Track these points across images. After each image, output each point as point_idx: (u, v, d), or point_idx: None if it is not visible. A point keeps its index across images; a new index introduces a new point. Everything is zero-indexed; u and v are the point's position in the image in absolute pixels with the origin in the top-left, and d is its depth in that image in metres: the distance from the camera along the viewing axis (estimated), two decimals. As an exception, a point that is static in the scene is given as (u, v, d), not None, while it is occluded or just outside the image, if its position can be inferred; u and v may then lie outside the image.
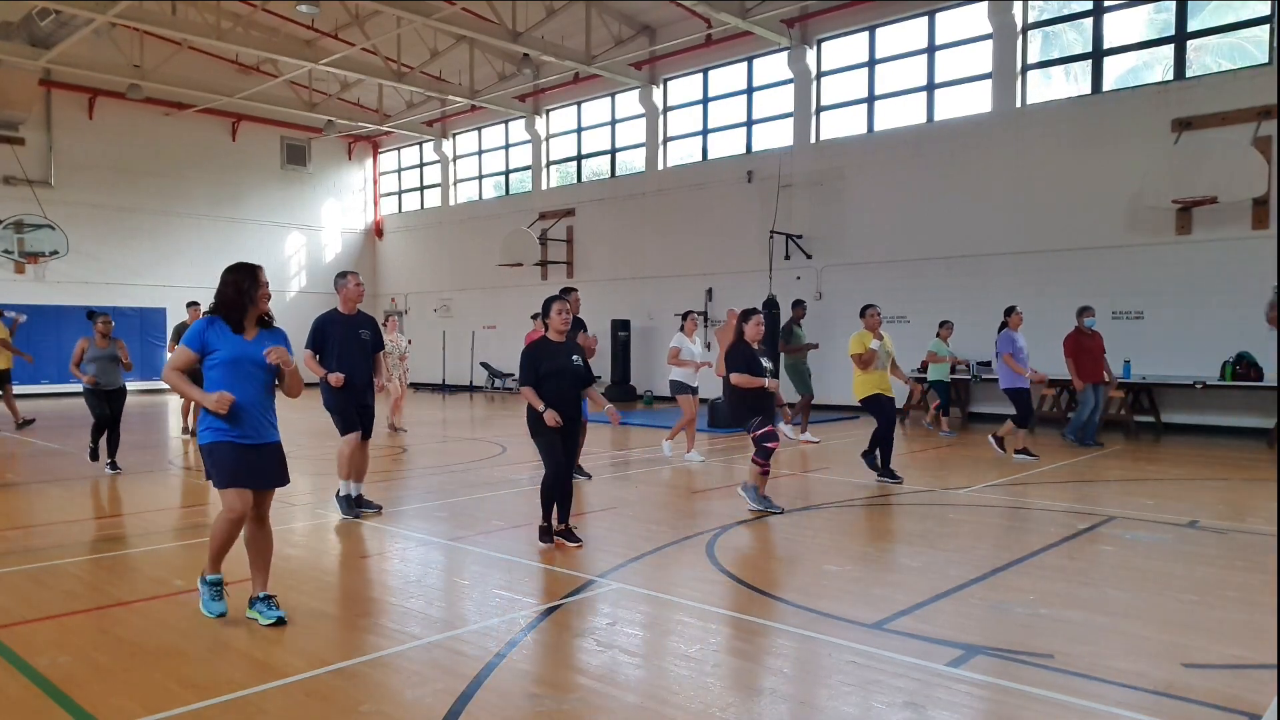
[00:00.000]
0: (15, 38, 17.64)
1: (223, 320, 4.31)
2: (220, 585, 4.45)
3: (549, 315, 6.02)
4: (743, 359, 7.18)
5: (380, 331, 7.22)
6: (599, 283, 21.32)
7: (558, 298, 6.10)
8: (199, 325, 4.31)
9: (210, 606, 4.39)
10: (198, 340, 4.27)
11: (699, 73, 19.42)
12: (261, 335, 4.40)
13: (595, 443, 12.13)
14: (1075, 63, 14.64)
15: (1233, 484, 8.77)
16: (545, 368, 5.86)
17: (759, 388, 7.06)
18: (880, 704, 3.41)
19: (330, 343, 6.80)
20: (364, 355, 6.92)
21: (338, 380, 6.64)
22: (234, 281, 4.31)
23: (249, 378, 4.29)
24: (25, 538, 6.46)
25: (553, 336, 6.05)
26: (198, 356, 4.28)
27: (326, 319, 6.93)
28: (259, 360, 4.30)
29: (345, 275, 7.11)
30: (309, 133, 25.66)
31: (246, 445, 4.29)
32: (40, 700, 3.46)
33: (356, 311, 7.04)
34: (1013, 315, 10.50)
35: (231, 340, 4.29)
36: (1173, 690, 3.53)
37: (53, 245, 21.42)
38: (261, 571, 4.49)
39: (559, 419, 5.71)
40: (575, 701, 3.44)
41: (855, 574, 5.34)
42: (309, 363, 6.81)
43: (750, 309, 7.47)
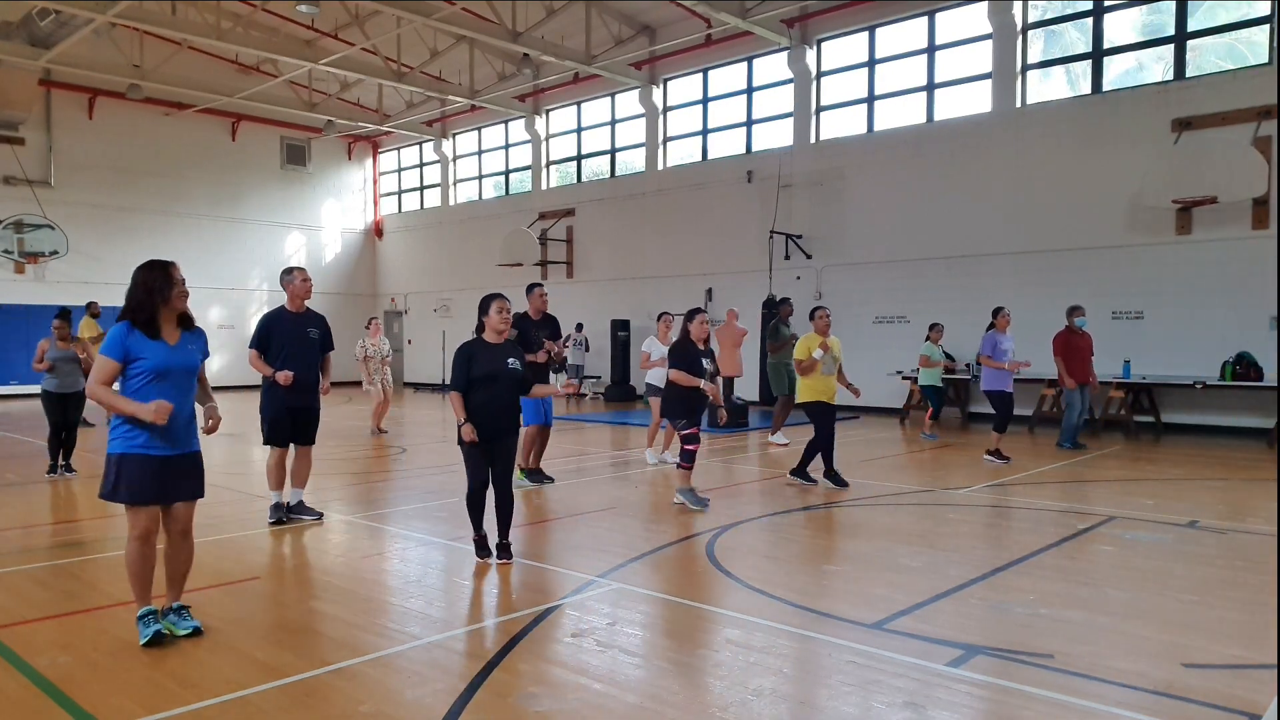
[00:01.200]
0: (15, 37, 17.63)
1: (136, 325, 3.95)
2: (152, 614, 4.10)
3: (487, 313, 5.51)
4: (685, 357, 7.23)
5: (330, 331, 6.86)
6: (599, 283, 21.32)
7: (497, 296, 5.58)
8: (119, 332, 3.93)
9: (144, 633, 4.03)
10: (119, 348, 3.91)
11: (699, 73, 19.42)
12: (185, 339, 4.08)
13: (595, 443, 12.14)
14: (1075, 62, 14.64)
15: (1233, 484, 8.77)
16: (478, 371, 5.37)
17: (695, 388, 7.17)
18: (880, 704, 3.41)
19: (276, 342, 6.50)
20: (312, 355, 6.63)
21: (286, 379, 6.33)
22: (144, 281, 3.95)
23: (177, 386, 3.99)
24: (26, 537, 6.46)
25: (489, 338, 5.52)
26: (120, 365, 3.92)
27: (272, 317, 6.60)
28: (186, 365, 4.03)
29: (291, 271, 6.70)
30: (309, 133, 25.66)
31: (164, 456, 3.97)
32: (40, 700, 3.46)
33: (305, 309, 6.70)
34: (1000, 317, 10.32)
35: (154, 348, 3.95)
36: (1173, 690, 3.53)
37: (52, 245, 21.41)
38: (175, 584, 4.22)
39: (475, 436, 5.31)
40: (575, 701, 3.44)
41: (855, 574, 5.34)
42: (254, 363, 6.55)
43: (695, 309, 7.48)
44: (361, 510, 7.42)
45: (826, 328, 8.58)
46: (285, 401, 6.51)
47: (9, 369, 20.93)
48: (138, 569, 4.06)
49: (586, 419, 15.75)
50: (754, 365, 15.86)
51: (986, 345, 10.11)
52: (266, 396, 6.58)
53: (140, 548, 4.03)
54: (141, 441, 3.94)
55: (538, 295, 8.41)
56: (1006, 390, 10.04)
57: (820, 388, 8.41)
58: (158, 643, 3.99)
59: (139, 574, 4.07)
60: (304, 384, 6.52)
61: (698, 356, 7.26)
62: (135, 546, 4.03)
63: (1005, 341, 10.11)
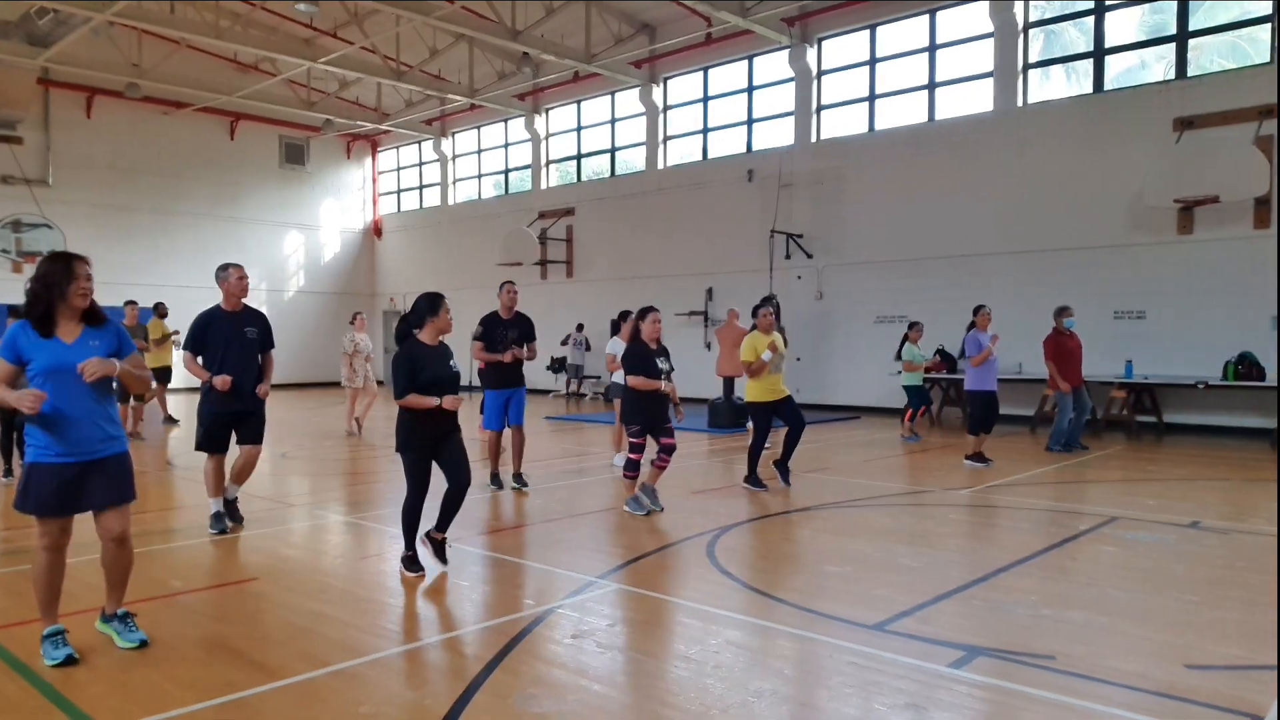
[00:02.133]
0: (13, 36, 17.61)
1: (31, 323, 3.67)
2: (60, 634, 3.84)
3: (436, 314, 5.25)
4: (639, 360, 7.00)
5: (270, 329, 6.51)
6: (599, 282, 21.30)
7: (440, 295, 5.33)
8: (11, 332, 3.68)
9: (52, 655, 3.76)
10: (11, 349, 3.65)
11: (699, 71, 19.40)
12: (85, 335, 3.76)
13: (595, 443, 12.13)
14: (1076, 62, 14.63)
15: (1234, 484, 8.76)
16: (426, 376, 5.12)
17: (655, 390, 6.95)
18: (881, 705, 3.39)
19: (212, 343, 6.18)
20: (249, 356, 6.29)
21: (224, 383, 6.04)
22: (42, 276, 3.67)
23: (73, 386, 3.68)
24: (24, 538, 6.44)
25: (427, 339, 5.26)
26: (14, 367, 3.67)
27: (207, 317, 6.24)
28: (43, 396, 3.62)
29: (227, 268, 6.33)
30: (307, 131, 25.63)
31: (72, 463, 3.71)
32: (38, 701, 3.45)
33: (242, 307, 6.36)
34: (980, 314, 10.03)
35: (46, 346, 3.67)
36: (1174, 691, 3.52)
37: (50, 244, 21.28)
38: (115, 589, 4.06)
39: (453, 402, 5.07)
40: (575, 702, 3.43)
41: (855, 574, 5.33)
42: (189, 365, 6.26)
43: (648, 307, 7.24)
44: (360, 510, 7.41)
45: (770, 326, 8.36)
46: (224, 406, 6.20)
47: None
48: (44, 582, 3.82)
49: (586, 419, 15.74)
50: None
51: (971, 345, 9.88)
52: (204, 401, 6.27)
53: (47, 559, 3.80)
54: (50, 450, 3.70)
55: (507, 292, 8.10)
56: (991, 390, 9.85)
57: (767, 387, 8.21)
58: (69, 664, 3.74)
59: (45, 588, 3.83)
60: (242, 387, 6.21)
61: (651, 357, 7.03)
62: (42, 558, 3.80)
63: (986, 339, 9.86)
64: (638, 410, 7.05)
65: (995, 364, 9.96)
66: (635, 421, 7.06)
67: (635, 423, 7.06)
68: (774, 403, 8.24)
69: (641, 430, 7.04)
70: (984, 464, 9.67)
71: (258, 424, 6.42)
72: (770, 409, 8.26)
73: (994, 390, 9.90)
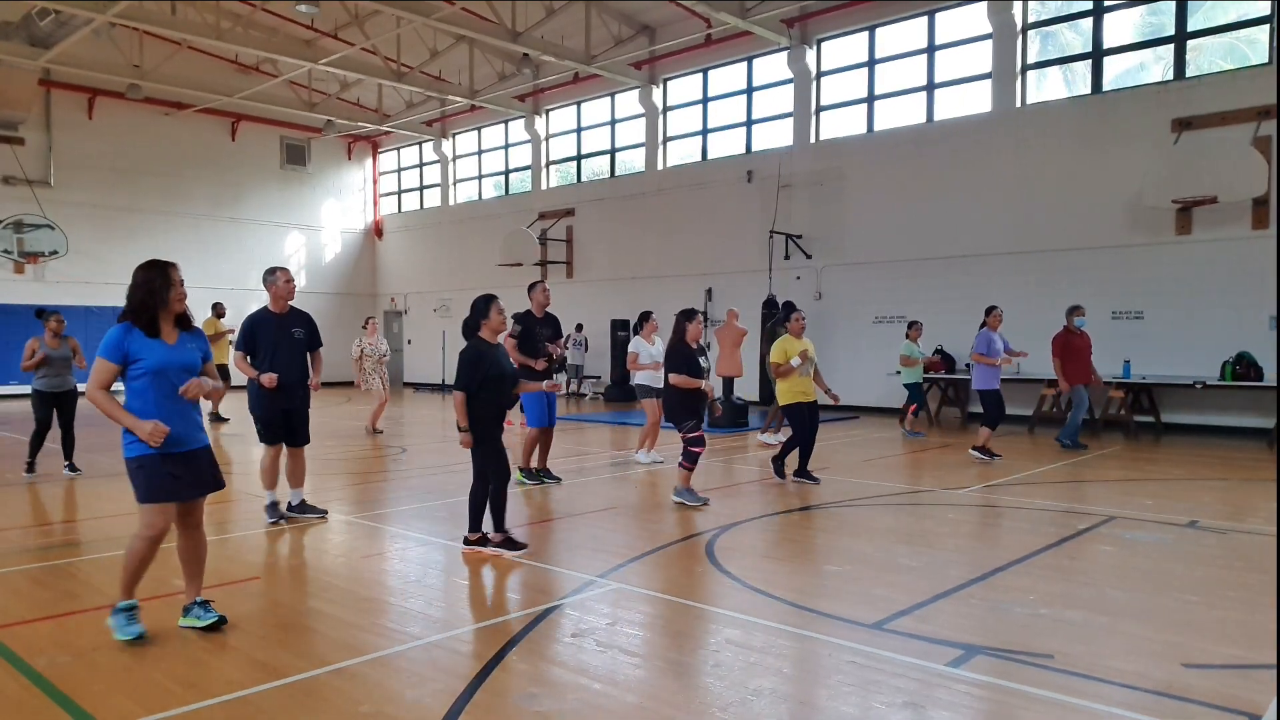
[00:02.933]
0: (15, 37, 17.63)
1: (137, 325, 4.00)
2: (135, 609, 4.13)
3: (487, 316, 5.69)
4: (683, 360, 7.34)
5: (317, 329, 6.85)
6: (599, 283, 21.32)
7: (495, 297, 5.75)
8: (117, 333, 3.97)
9: (126, 630, 4.06)
10: (118, 350, 3.96)
11: (699, 72, 19.42)
12: (183, 338, 4.13)
13: (594, 443, 12.14)
14: (1075, 62, 14.64)
15: (1233, 484, 8.77)
16: (492, 372, 5.58)
17: (696, 389, 7.29)
18: (880, 704, 3.41)
19: (262, 343, 6.49)
20: (297, 355, 6.62)
21: (270, 381, 6.33)
22: (145, 282, 4.00)
23: (176, 384, 4.03)
24: (25, 537, 6.45)
25: (488, 338, 5.71)
26: (120, 368, 3.98)
27: (256, 319, 6.58)
28: (185, 365, 4.06)
29: (274, 271, 6.67)
30: (308, 132, 25.65)
31: (177, 455, 4.03)
32: (39, 700, 3.46)
33: (289, 309, 6.67)
34: (992, 315, 10.37)
35: (152, 346, 3.99)
36: (1173, 690, 3.53)
37: (52, 245, 21.41)
38: (196, 578, 4.31)
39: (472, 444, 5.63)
40: (575, 701, 3.44)
41: (855, 574, 5.34)
42: (240, 364, 6.56)
43: (690, 309, 7.58)
44: (361, 510, 7.42)
45: (801, 330, 8.69)
46: (274, 403, 6.51)
47: (8, 369, 20.92)
48: (138, 564, 4.07)
49: (586, 419, 15.74)
50: (754, 365, 15.85)
51: (981, 344, 10.17)
52: (255, 398, 6.57)
53: (147, 546, 4.05)
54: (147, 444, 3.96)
55: (541, 291, 8.40)
56: (995, 388, 10.15)
57: (799, 389, 8.53)
58: (139, 641, 4.02)
59: (137, 568, 4.09)
60: (290, 385, 6.52)
61: (694, 357, 7.36)
62: (144, 545, 4.05)
63: (998, 340, 10.19)
64: (687, 408, 7.35)
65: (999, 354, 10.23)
66: (685, 418, 7.34)
67: (686, 419, 7.34)
68: (806, 404, 8.58)
69: (696, 425, 7.34)
70: (990, 458, 9.93)
71: (304, 424, 6.79)
72: (804, 409, 8.58)
73: (998, 389, 10.21)
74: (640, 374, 9.88)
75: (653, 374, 9.77)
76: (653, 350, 9.87)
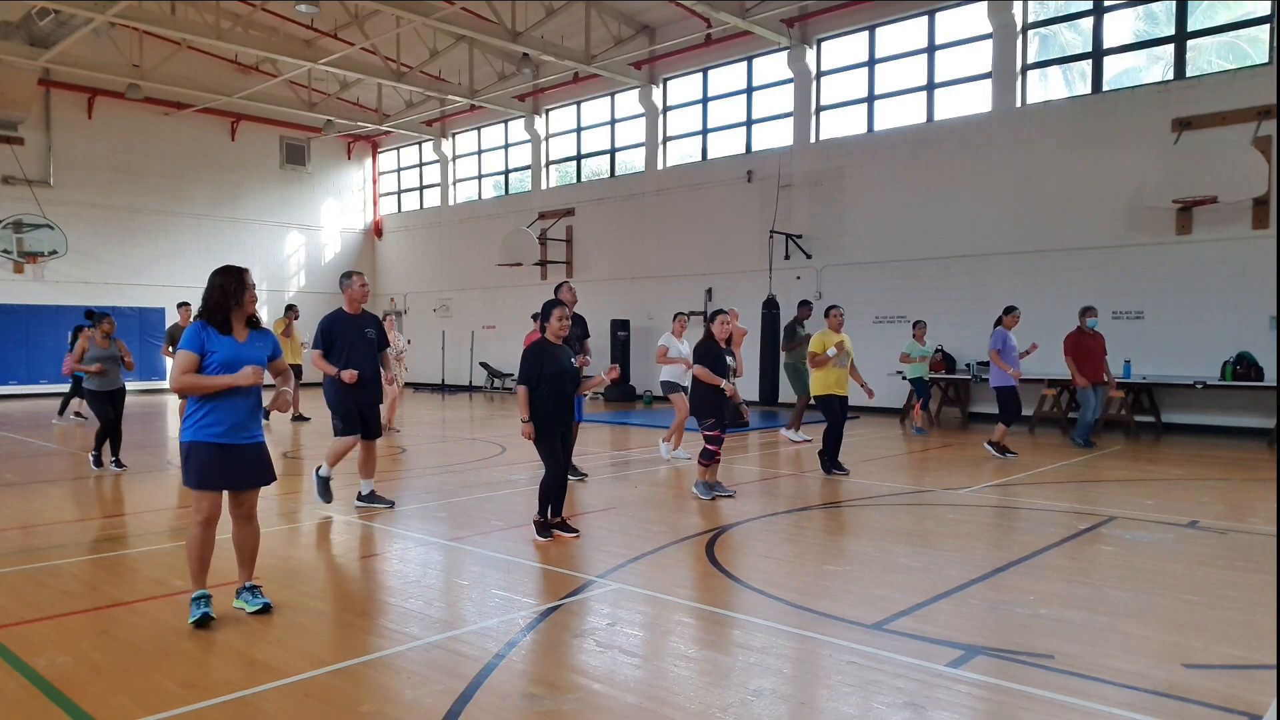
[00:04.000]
0: (14, 37, 17.62)
1: (211, 323, 4.36)
2: (203, 598, 4.38)
3: (549, 320, 6.17)
4: (709, 356, 7.60)
5: (384, 330, 7.42)
6: (598, 283, 21.31)
7: (559, 304, 6.25)
8: (194, 329, 4.35)
9: (194, 614, 4.32)
10: (197, 341, 4.31)
11: (699, 72, 19.41)
12: (253, 337, 4.47)
13: (594, 443, 12.14)
14: (1075, 62, 14.64)
15: (1233, 484, 8.77)
16: (549, 369, 5.98)
17: (717, 387, 7.53)
18: (880, 704, 3.41)
19: (338, 342, 6.95)
20: (371, 354, 7.08)
21: (351, 376, 6.78)
22: (220, 285, 4.37)
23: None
24: (25, 538, 6.45)
25: (552, 339, 6.19)
26: (199, 357, 4.30)
27: (333, 319, 7.08)
28: (254, 359, 4.37)
29: (351, 276, 7.23)
30: (308, 132, 25.65)
31: (230, 445, 4.32)
32: (39, 700, 3.46)
33: (361, 311, 7.19)
34: (1009, 315, 10.56)
35: (225, 342, 4.35)
36: (1173, 690, 3.53)
37: (52, 245, 21.40)
38: (246, 564, 4.59)
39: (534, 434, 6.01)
40: (575, 701, 3.44)
41: (855, 574, 5.34)
42: (317, 362, 7.00)
43: (718, 310, 7.85)
44: (362, 510, 7.41)
45: (840, 325, 9.13)
46: (353, 397, 6.96)
47: (8, 369, 20.93)
48: (197, 553, 4.36)
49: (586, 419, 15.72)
50: (754, 365, 15.87)
51: (997, 340, 10.26)
52: (334, 393, 7.00)
53: (202, 532, 4.34)
54: (212, 429, 4.28)
55: (567, 290, 8.67)
56: (1013, 385, 10.26)
57: (832, 380, 8.88)
58: (204, 625, 4.25)
59: (198, 557, 4.37)
60: (367, 381, 6.99)
61: (721, 355, 7.60)
62: (198, 531, 4.34)
63: (1013, 339, 10.35)
64: (712, 405, 7.58)
65: (1015, 363, 10.33)
66: (708, 415, 7.58)
67: (709, 415, 7.58)
68: (839, 396, 8.89)
69: (718, 423, 7.58)
70: (1005, 455, 10.12)
71: (376, 418, 7.27)
72: (836, 400, 8.92)
73: (1015, 385, 10.31)
74: (666, 369, 10.02)
75: (677, 369, 9.90)
76: (681, 347, 10.02)
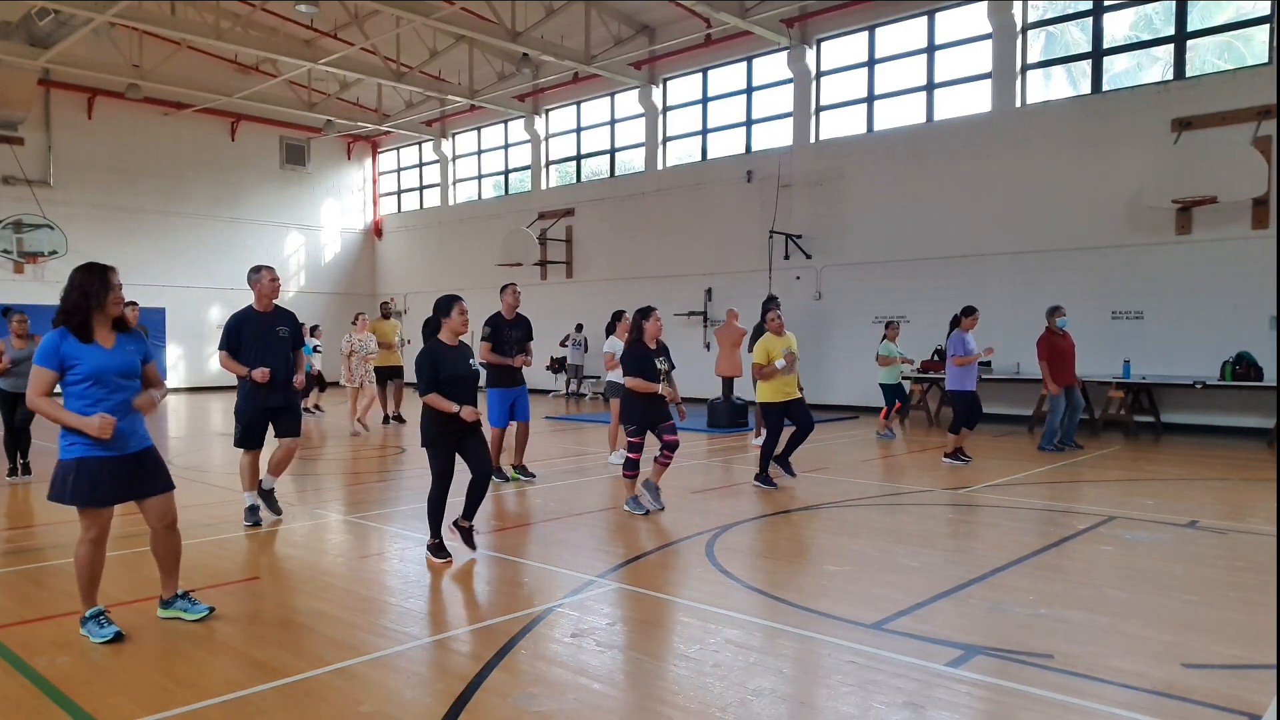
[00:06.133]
0: (14, 37, 17.62)
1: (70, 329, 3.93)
2: (102, 614, 4.12)
3: (448, 315, 5.55)
4: (637, 362, 7.01)
5: (300, 328, 6.84)
6: (598, 282, 21.31)
7: (458, 298, 5.63)
8: (52, 340, 3.92)
9: (100, 635, 4.03)
10: (54, 357, 3.88)
11: (698, 72, 19.41)
12: (120, 341, 4.06)
13: (595, 443, 12.14)
14: (1075, 62, 14.64)
15: (1232, 484, 8.77)
16: (445, 373, 5.43)
17: (652, 391, 6.99)
18: (880, 704, 3.40)
19: (246, 341, 6.45)
20: (284, 353, 6.58)
21: (263, 375, 6.30)
22: (79, 285, 3.93)
23: (116, 389, 3.99)
24: (25, 538, 6.45)
25: (447, 339, 5.59)
26: (58, 374, 3.91)
27: (241, 317, 6.52)
28: (123, 369, 4.00)
29: (259, 270, 6.63)
30: (308, 132, 25.65)
31: (114, 457, 3.99)
32: (39, 700, 3.46)
33: (273, 308, 6.63)
34: (969, 316, 10.12)
35: (88, 351, 3.92)
36: (1173, 690, 3.53)
37: (51, 245, 21.39)
38: (171, 575, 4.36)
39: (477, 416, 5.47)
40: (575, 701, 3.44)
41: (855, 574, 5.34)
42: (226, 362, 6.50)
43: (648, 307, 7.28)
44: (361, 510, 7.42)
45: (780, 328, 8.53)
46: (263, 402, 6.48)
47: (8, 369, 20.90)
48: (88, 572, 4.08)
49: (586, 419, 15.74)
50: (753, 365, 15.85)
51: (956, 346, 9.95)
52: (242, 399, 6.57)
53: (92, 550, 4.07)
54: (95, 447, 3.94)
55: (511, 293, 8.52)
56: (971, 390, 9.94)
57: (779, 389, 8.30)
58: (117, 640, 4.02)
59: (90, 576, 4.10)
60: (279, 382, 6.50)
61: (650, 358, 7.05)
62: (87, 549, 4.06)
63: (971, 341, 9.99)
64: (635, 410, 7.08)
65: (975, 366, 10.02)
66: (633, 421, 7.07)
67: (633, 422, 7.07)
68: (785, 403, 8.31)
69: (639, 429, 7.07)
70: (963, 461, 9.81)
71: (294, 417, 6.72)
72: (781, 409, 8.31)
73: (974, 390, 9.98)
74: (614, 373, 9.87)
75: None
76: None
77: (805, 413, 8.45)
